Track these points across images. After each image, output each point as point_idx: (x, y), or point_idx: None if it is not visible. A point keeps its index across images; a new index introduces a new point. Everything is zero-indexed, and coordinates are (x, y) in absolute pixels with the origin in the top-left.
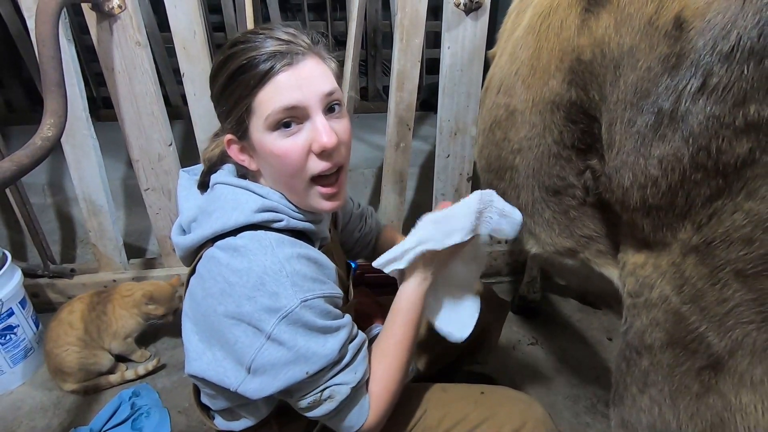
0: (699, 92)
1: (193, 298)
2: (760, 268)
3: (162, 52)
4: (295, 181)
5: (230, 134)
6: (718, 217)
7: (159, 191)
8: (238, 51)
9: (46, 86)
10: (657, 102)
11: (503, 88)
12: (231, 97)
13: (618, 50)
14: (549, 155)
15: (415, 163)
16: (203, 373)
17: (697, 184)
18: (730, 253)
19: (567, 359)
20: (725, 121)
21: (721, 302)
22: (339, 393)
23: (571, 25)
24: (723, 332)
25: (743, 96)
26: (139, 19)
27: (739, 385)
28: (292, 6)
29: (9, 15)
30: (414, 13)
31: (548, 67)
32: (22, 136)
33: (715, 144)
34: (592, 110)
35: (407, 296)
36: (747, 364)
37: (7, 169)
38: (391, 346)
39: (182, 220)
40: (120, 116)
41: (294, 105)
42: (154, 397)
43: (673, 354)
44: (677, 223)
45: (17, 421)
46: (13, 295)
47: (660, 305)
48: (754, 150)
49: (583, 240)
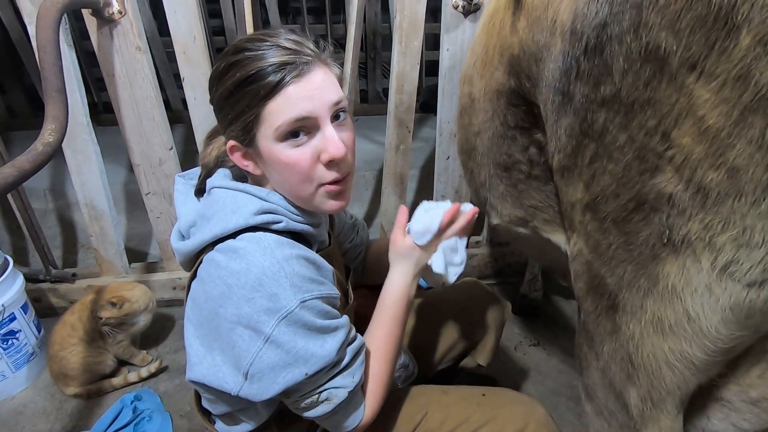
0: (577, 77)
1: (195, 302)
2: (624, 214)
3: (162, 57)
4: (303, 186)
5: (233, 141)
6: (596, 177)
7: (160, 195)
8: (244, 60)
9: (47, 92)
10: (560, 84)
11: (467, 78)
12: (237, 106)
13: (534, 46)
14: (498, 135)
15: (415, 165)
16: (203, 379)
17: (584, 148)
18: (608, 206)
19: (569, 360)
20: (591, 98)
21: (608, 247)
22: (336, 396)
23: (506, 25)
24: (612, 271)
25: (597, 79)
26: (140, 24)
27: (627, 315)
28: (292, 9)
29: (10, 21)
30: (413, 16)
31: (493, 61)
32: (23, 141)
33: (589, 116)
34: (527, 95)
35: (392, 290)
36: (628, 295)
37: (8, 175)
38: (380, 340)
39: (181, 226)
40: (121, 121)
41: (305, 116)
42: (156, 401)
43: (591, 300)
44: (576, 182)
45: (20, 425)
46: (15, 300)
47: (578, 258)
48: (606, 121)
49: (531, 209)
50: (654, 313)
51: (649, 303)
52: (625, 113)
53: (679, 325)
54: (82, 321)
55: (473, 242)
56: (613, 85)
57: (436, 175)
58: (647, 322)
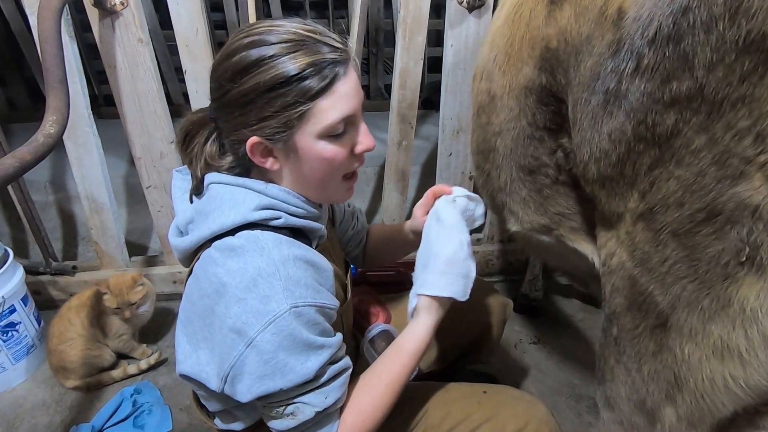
0: (635, 72)
1: (188, 299)
2: (689, 226)
3: (164, 50)
4: (332, 179)
5: (260, 138)
6: (657, 184)
7: (161, 189)
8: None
9: (49, 83)
10: (605, 83)
11: (485, 74)
12: (278, 102)
13: (578, 38)
14: (524, 136)
15: (416, 162)
16: (190, 375)
17: (639, 155)
18: (668, 216)
19: (569, 359)
20: (656, 97)
21: (663, 262)
22: (302, 413)
23: (539, 16)
24: (665, 289)
25: (667, 74)
26: (142, 16)
27: (681, 337)
28: (294, 4)
29: (11, 12)
30: (417, 11)
31: (521, 55)
32: (24, 133)
33: (651, 117)
34: (560, 93)
35: (415, 336)
36: (685, 316)
37: (9, 166)
38: (383, 382)
39: (178, 222)
40: (122, 114)
41: (351, 114)
42: (155, 394)
43: (631, 317)
44: (627, 192)
45: (19, 418)
46: (15, 292)
47: (618, 271)
48: (678, 122)
49: (557, 217)
50: (720, 338)
51: (713, 327)
52: (708, 113)
53: (750, 353)
54: (79, 316)
55: (474, 239)
56: (693, 80)
57: (438, 172)
58: (708, 346)
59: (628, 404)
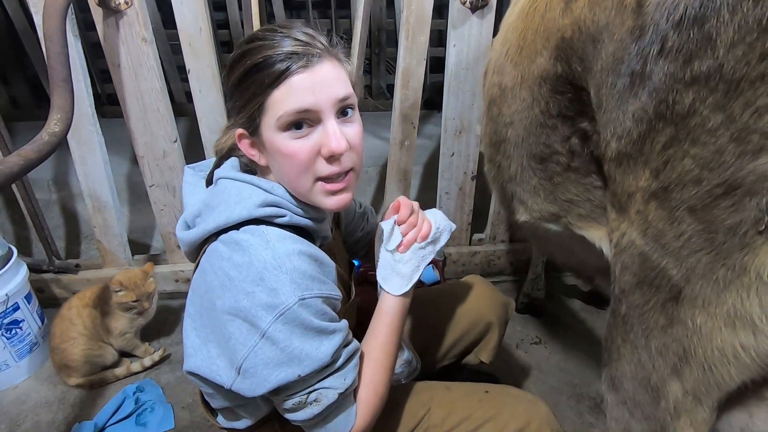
0: (659, 54)
1: (195, 293)
2: (707, 201)
3: (166, 49)
4: (301, 179)
5: (241, 129)
6: (671, 163)
7: (163, 187)
8: (255, 48)
9: (54, 82)
10: (630, 65)
11: (496, 68)
12: (245, 93)
13: (594, 27)
14: (536, 125)
15: (418, 162)
16: (198, 370)
17: (657, 133)
18: (684, 194)
19: (571, 359)
20: (678, 77)
21: (678, 237)
22: (326, 397)
23: (555, 8)
24: (680, 262)
25: (690, 55)
26: (146, 15)
27: (694, 308)
28: (297, 4)
29: (14, 11)
30: (420, 11)
31: (535, 46)
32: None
33: (671, 96)
34: (577, 80)
35: (387, 299)
36: (699, 287)
37: (14, 164)
38: (377, 349)
39: (187, 216)
40: (125, 112)
41: (306, 108)
42: (158, 392)
43: (641, 293)
44: (640, 170)
45: (22, 415)
46: (19, 289)
47: (627, 249)
48: (695, 101)
49: (566, 204)
50: (733, 306)
51: (727, 295)
52: (726, 91)
53: (763, 319)
54: (81, 315)
55: (476, 239)
56: (714, 59)
57: (440, 171)
58: (721, 316)
59: (633, 383)
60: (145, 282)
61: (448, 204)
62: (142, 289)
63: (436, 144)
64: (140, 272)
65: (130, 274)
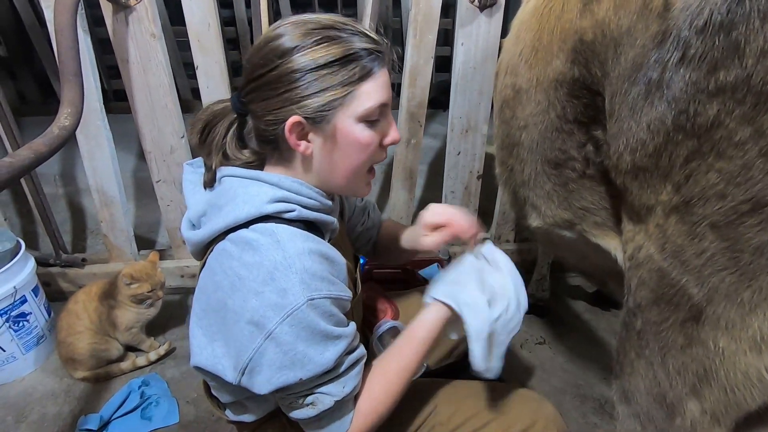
0: (680, 62)
1: (203, 291)
2: (732, 218)
3: (173, 45)
4: (361, 168)
5: (300, 117)
6: (694, 177)
7: (170, 183)
8: (338, 38)
9: (64, 76)
10: (647, 73)
11: (509, 69)
12: (326, 80)
13: (617, 30)
14: (552, 129)
15: (424, 161)
16: (204, 367)
17: (677, 145)
18: (707, 209)
19: (575, 359)
20: (700, 86)
21: (699, 254)
22: (321, 402)
23: (573, 9)
24: (701, 281)
25: (714, 63)
26: (155, 10)
27: (716, 330)
28: (303, 2)
29: (23, 6)
30: (428, 9)
31: (551, 48)
32: (34, 127)
33: (693, 107)
34: (594, 85)
35: (426, 324)
36: (722, 308)
37: (25, 157)
38: (394, 370)
39: (191, 215)
40: (133, 108)
41: (386, 102)
42: (163, 386)
43: (658, 310)
44: (659, 184)
45: (29, 407)
46: (26, 282)
47: (645, 264)
48: (721, 112)
49: (581, 212)
50: (759, 330)
51: (753, 318)
52: (755, 104)
53: None
54: (87, 310)
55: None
56: (741, 69)
57: (446, 171)
58: (746, 340)
59: (647, 398)
60: (156, 271)
61: (453, 203)
62: (155, 278)
63: (441, 143)
64: (148, 263)
65: (139, 267)
